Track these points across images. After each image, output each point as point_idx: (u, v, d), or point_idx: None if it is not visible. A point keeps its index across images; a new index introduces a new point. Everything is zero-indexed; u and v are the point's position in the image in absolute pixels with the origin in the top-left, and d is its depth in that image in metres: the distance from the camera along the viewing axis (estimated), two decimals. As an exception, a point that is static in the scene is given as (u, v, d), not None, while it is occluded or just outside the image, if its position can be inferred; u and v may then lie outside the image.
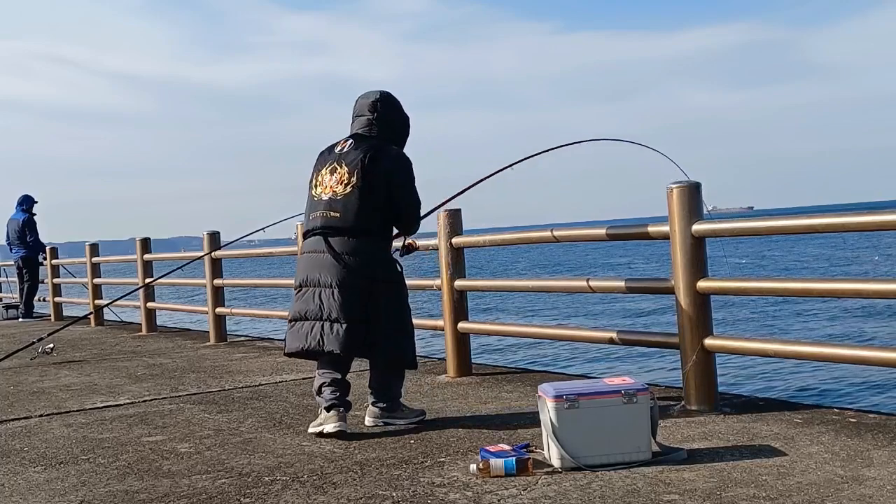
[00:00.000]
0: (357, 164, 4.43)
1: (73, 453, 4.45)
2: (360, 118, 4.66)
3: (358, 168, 4.43)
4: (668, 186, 4.63)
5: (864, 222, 4.02)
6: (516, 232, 6.16)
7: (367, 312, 4.40)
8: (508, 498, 3.24)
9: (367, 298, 4.41)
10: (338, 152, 4.55)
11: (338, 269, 4.39)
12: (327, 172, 4.51)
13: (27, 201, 14.46)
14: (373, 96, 4.67)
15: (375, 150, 4.48)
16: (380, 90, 4.69)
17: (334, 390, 4.43)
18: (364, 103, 4.66)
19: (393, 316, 4.48)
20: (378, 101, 4.64)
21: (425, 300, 14.89)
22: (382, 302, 4.44)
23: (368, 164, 4.43)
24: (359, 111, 4.68)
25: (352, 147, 4.53)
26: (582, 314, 23.72)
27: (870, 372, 11.31)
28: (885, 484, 3.16)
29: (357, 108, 4.69)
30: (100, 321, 12.93)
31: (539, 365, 13.15)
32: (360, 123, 4.64)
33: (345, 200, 4.42)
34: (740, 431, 4.05)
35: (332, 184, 4.47)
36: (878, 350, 4.22)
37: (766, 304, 21.34)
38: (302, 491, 3.49)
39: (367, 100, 4.66)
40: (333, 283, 4.39)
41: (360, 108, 4.67)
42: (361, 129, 4.62)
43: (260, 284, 10.81)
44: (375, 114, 4.62)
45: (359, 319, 4.38)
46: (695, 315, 4.59)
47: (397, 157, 4.56)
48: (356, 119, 4.68)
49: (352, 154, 4.49)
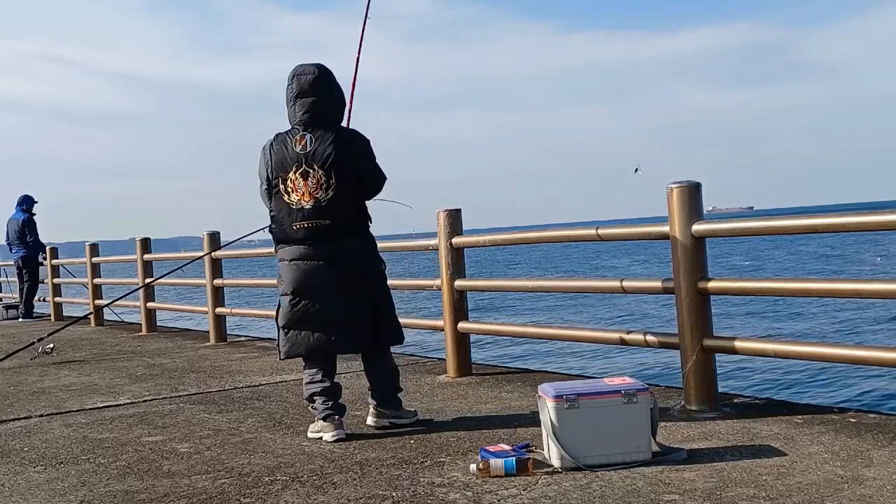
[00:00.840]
0: (331, 164, 4.32)
1: (73, 453, 4.45)
2: (303, 100, 4.41)
3: (334, 168, 4.32)
4: (668, 186, 4.63)
5: (864, 222, 4.02)
6: (516, 232, 6.17)
7: (372, 308, 4.48)
8: (508, 498, 3.24)
9: (369, 294, 4.47)
10: (301, 151, 4.34)
11: (338, 273, 4.39)
12: (298, 176, 4.32)
13: (27, 201, 14.46)
14: (310, 72, 4.42)
15: (339, 142, 4.36)
16: (315, 64, 4.45)
17: (325, 400, 4.41)
18: (305, 82, 4.41)
19: (388, 303, 4.61)
20: (319, 79, 4.42)
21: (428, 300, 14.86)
22: (380, 291, 4.55)
23: (342, 161, 4.33)
24: (300, 91, 4.42)
25: (313, 142, 4.35)
26: (582, 314, 23.72)
27: (870, 372, 11.31)
28: (885, 484, 3.16)
29: (297, 87, 4.43)
30: (100, 321, 12.93)
31: (539, 365, 13.15)
32: (307, 107, 4.40)
33: (330, 205, 4.33)
34: (740, 431, 4.05)
35: (311, 189, 4.32)
36: (878, 350, 4.22)
37: (765, 304, 21.35)
38: (302, 491, 3.49)
39: (308, 77, 4.41)
40: (336, 287, 4.38)
41: (302, 88, 4.41)
42: (310, 114, 4.39)
43: (260, 284, 10.81)
44: (322, 95, 4.43)
45: (368, 317, 4.45)
46: (695, 315, 4.59)
47: (360, 141, 4.46)
48: (298, 101, 4.42)
49: (318, 151, 4.33)
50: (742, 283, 4.83)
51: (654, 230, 4.81)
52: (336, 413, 4.41)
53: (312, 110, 4.41)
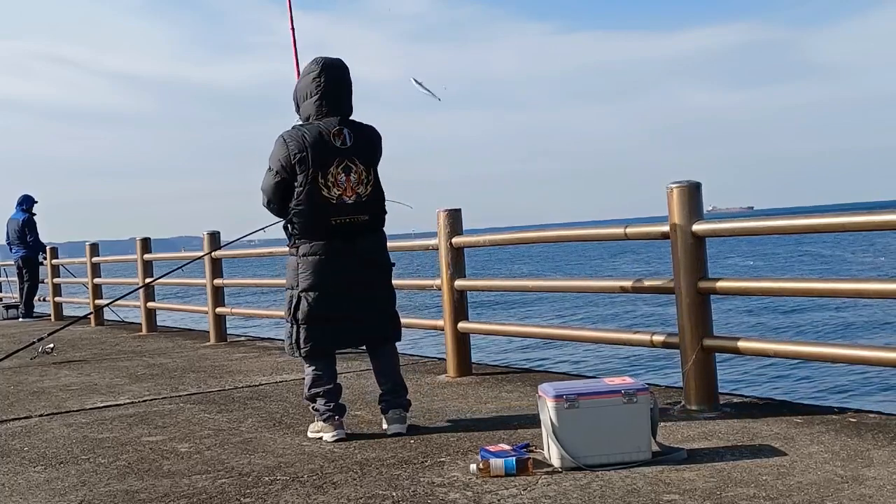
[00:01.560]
0: (369, 159, 4.40)
1: (73, 453, 4.45)
2: (336, 93, 4.37)
3: (372, 164, 4.42)
4: (667, 186, 4.63)
5: (864, 222, 4.02)
6: (516, 232, 6.17)
7: (392, 301, 4.60)
8: (508, 498, 3.24)
9: (388, 288, 4.59)
10: (341, 146, 4.31)
11: (367, 266, 4.44)
12: (340, 171, 4.28)
13: (27, 201, 14.47)
14: (340, 65, 4.41)
15: (371, 138, 4.45)
16: (336, 57, 4.43)
17: (327, 401, 4.41)
18: (338, 75, 4.39)
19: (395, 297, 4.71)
20: (348, 73, 4.44)
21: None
22: (392, 286, 4.64)
23: (376, 157, 4.46)
24: (332, 83, 4.37)
25: (352, 138, 4.35)
26: (582, 314, 23.72)
27: (870, 372, 11.31)
28: (885, 484, 3.16)
29: (327, 78, 4.36)
30: (100, 321, 12.92)
31: (539, 365, 13.14)
32: (340, 100, 4.38)
33: (368, 201, 4.39)
34: (740, 431, 4.05)
35: (353, 185, 4.32)
36: (878, 350, 4.22)
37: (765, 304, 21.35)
38: (302, 491, 3.49)
39: (338, 71, 4.40)
40: (366, 281, 4.43)
41: (335, 80, 4.38)
42: (343, 108, 4.39)
43: (260, 284, 10.81)
44: (350, 89, 4.45)
45: (388, 310, 4.56)
46: (695, 315, 4.59)
47: (380, 138, 4.54)
48: (329, 93, 4.35)
49: (359, 147, 4.36)
50: (742, 283, 4.83)
51: (654, 230, 4.81)
52: (337, 414, 4.41)
53: (345, 104, 4.42)
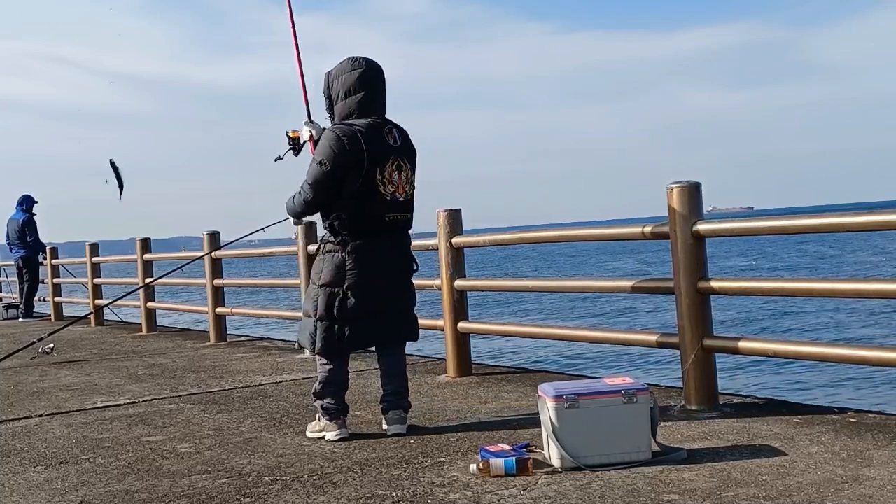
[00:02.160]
0: (413, 160, 4.44)
1: (73, 453, 4.45)
2: (378, 93, 4.37)
3: (415, 164, 4.45)
4: (668, 186, 4.63)
5: (864, 222, 4.02)
6: (516, 232, 6.17)
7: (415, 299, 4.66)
8: (508, 498, 3.24)
9: (413, 286, 4.65)
10: (393, 144, 4.32)
11: (406, 264, 4.51)
12: (394, 169, 4.29)
13: (27, 201, 14.47)
14: (378, 67, 4.39)
15: (409, 138, 4.49)
16: (368, 57, 4.40)
17: (336, 401, 4.41)
18: (378, 76, 4.38)
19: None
20: (384, 74, 4.44)
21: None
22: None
23: (415, 158, 4.48)
24: (376, 84, 4.36)
25: (399, 137, 4.38)
26: (582, 314, 23.72)
27: (870, 372, 11.30)
28: (885, 484, 3.16)
29: (369, 79, 4.33)
30: (100, 321, 12.92)
31: (539, 365, 13.14)
32: (382, 101, 4.39)
33: (411, 200, 4.45)
34: (740, 431, 4.05)
35: (403, 183, 4.34)
36: (878, 350, 4.22)
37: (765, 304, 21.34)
38: (302, 491, 3.49)
39: (377, 72, 4.38)
40: (405, 279, 4.51)
41: (376, 80, 4.37)
42: (384, 108, 4.40)
43: (260, 284, 10.82)
44: (385, 90, 4.46)
45: (414, 311, 4.63)
46: (695, 315, 4.58)
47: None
48: (375, 93, 4.35)
49: (406, 146, 4.41)
50: (742, 283, 4.83)
51: (654, 230, 4.81)
52: (342, 413, 4.42)
53: (384, 105, 4.43)
